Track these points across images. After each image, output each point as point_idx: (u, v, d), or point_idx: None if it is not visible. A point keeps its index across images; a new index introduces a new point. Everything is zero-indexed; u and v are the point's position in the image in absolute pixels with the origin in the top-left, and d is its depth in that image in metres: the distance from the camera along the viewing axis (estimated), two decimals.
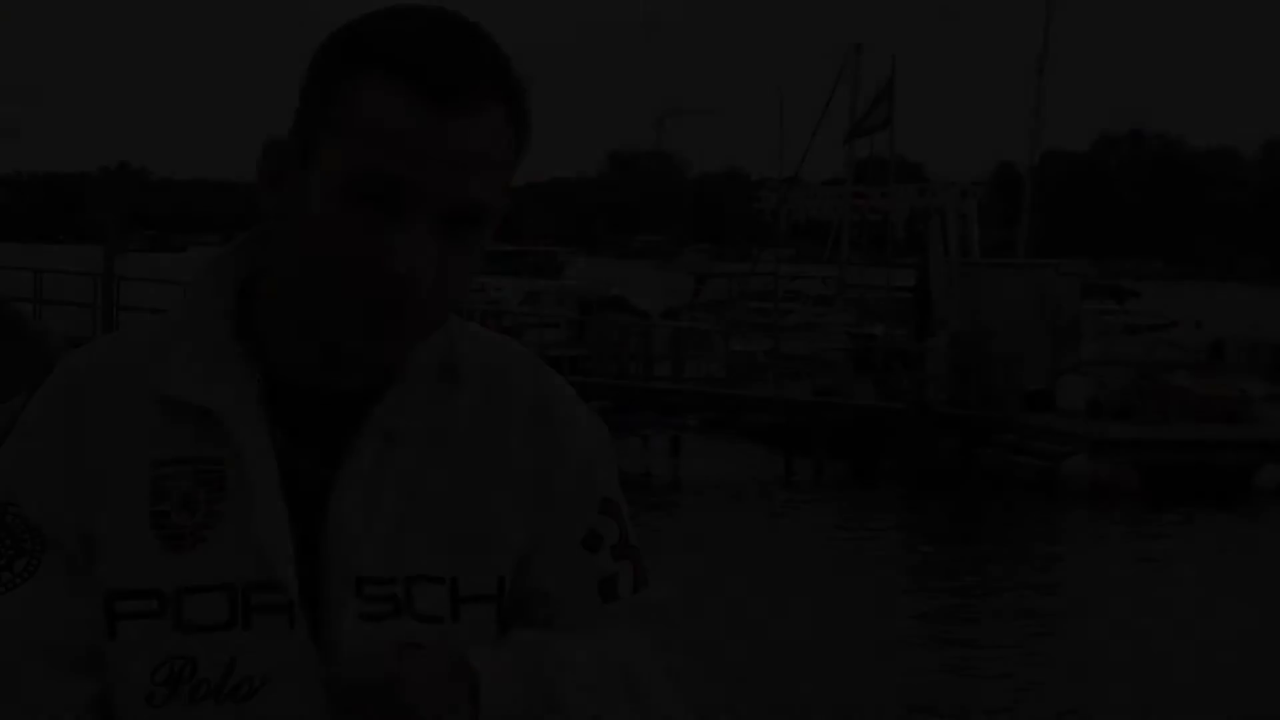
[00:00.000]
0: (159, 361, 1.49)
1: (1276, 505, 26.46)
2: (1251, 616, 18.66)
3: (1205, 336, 37.97)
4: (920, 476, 29.23)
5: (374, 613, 1.47)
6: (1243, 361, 35.59)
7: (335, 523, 1.47)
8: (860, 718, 14.32)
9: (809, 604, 18.50)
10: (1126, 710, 14.73)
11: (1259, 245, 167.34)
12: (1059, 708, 14.71)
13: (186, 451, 1.47)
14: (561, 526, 1.55)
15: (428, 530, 1.50)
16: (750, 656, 15.85)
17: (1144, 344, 38.07)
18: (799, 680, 15.19)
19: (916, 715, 14.43)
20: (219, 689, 1.44)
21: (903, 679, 15.45)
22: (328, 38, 1.45)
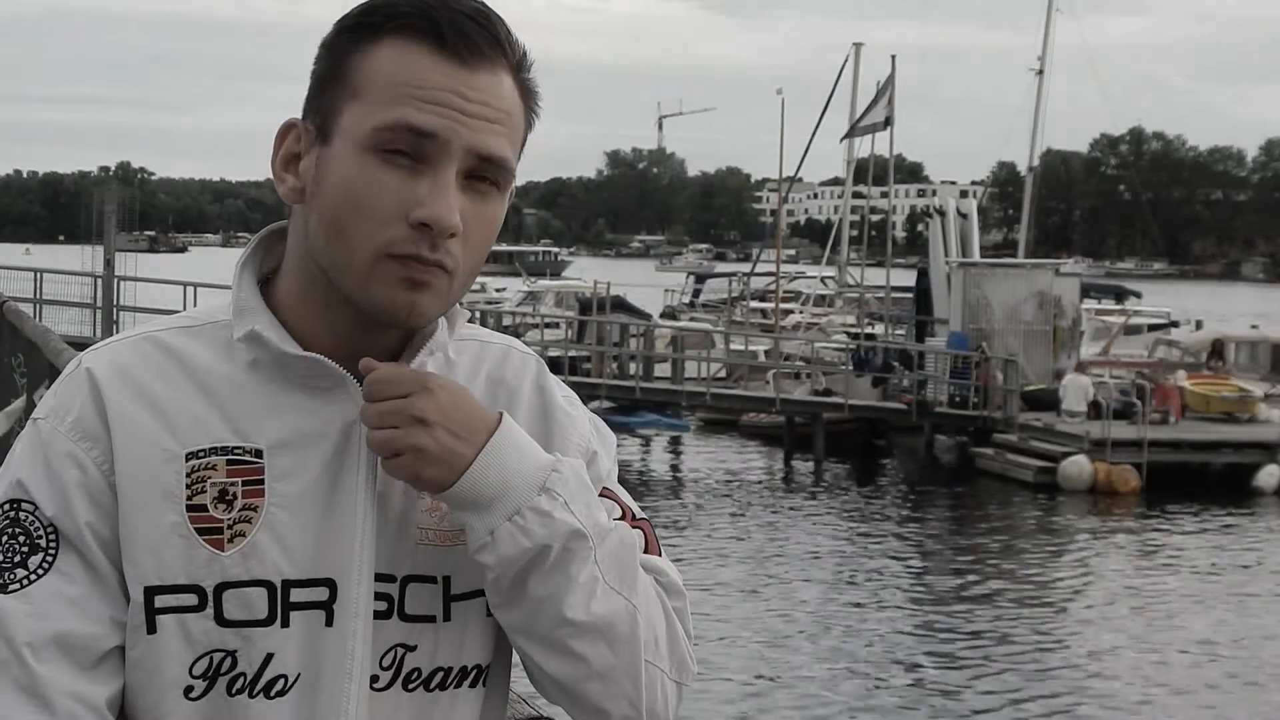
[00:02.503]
0: (212, 355, 1.50)
1: (1276, 505, 26.48)
2: (1251, 616, 18.68)
3: (1205, 336, 37.91)
4: (920, 476, 29.25)
5: (377, 610, 1.49)
6: (1243, 361, 35.60)
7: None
8: (859, 716, 14.32)
9: (808, 603, 18.52)
10: (1126, 709, 14.74)
11: (1259, 245, 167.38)
12: (1059, 706, 14.72)
13: (221, 444, 1.47)
14: None
15: (427, 528, 1.52)
16: (749, 655, 15.87)
17: (1144, 344, 38.07)
18: (798, 680, 15.21)
19: (915, 713, 14.43)
20: (253, 683, 1.45)
21: (903, 677, 15.47)
22: (339, 20, 1.49)
